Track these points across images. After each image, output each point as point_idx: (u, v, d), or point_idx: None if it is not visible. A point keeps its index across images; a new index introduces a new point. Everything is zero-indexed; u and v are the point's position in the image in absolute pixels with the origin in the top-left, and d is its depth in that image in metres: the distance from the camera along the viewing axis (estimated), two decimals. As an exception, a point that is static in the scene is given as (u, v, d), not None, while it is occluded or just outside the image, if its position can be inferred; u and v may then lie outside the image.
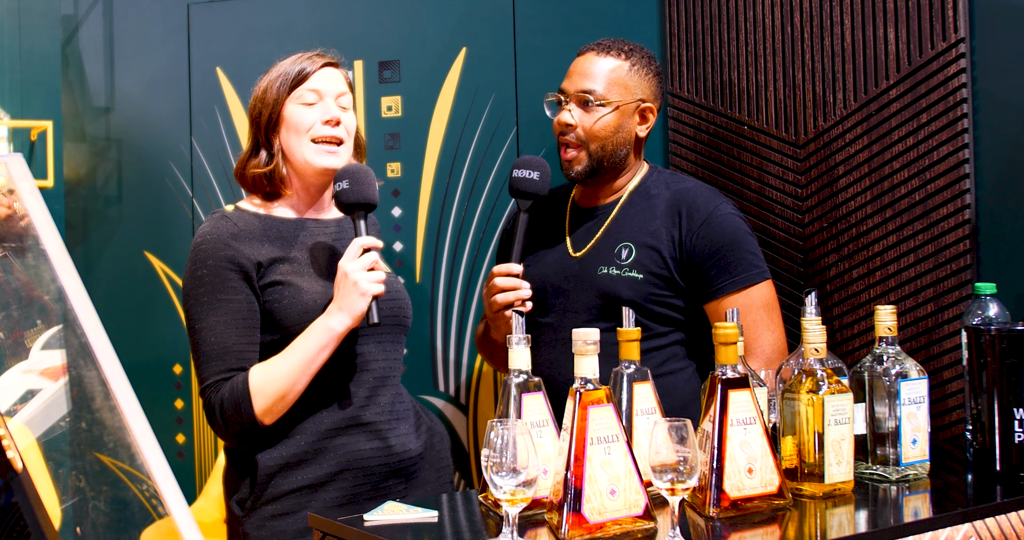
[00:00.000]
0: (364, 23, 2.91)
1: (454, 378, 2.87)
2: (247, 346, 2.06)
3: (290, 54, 2.21)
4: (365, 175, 2.11)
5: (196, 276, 2.08)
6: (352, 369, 2.12)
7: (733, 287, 2.27)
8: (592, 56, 2.36)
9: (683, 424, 1.59)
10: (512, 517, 1.56)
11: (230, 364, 2.05)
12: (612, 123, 2.33)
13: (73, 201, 3.12)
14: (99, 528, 1.62)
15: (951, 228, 2.39)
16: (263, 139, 2.17)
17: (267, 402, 2.02)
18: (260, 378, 2.03)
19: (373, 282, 2.03)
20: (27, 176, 1.54)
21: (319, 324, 2.04)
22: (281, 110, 2.15)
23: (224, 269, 2.06)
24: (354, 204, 2.10)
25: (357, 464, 2.10)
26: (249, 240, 2.10)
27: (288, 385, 2.03)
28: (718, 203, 2.33)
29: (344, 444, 2.09)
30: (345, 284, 2.03)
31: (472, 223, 2.85)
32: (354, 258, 2.05)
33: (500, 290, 2.28)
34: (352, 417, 2.11)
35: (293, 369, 2.03)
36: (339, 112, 2.15)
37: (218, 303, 2.05)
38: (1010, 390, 2.00)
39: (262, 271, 2.09)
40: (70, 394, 1.60)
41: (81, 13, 3.12)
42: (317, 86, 2.15)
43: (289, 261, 2.12)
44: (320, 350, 2.03)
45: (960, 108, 2.37)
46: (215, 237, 2.09)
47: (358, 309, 2.03)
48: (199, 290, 2.07)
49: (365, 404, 2.12)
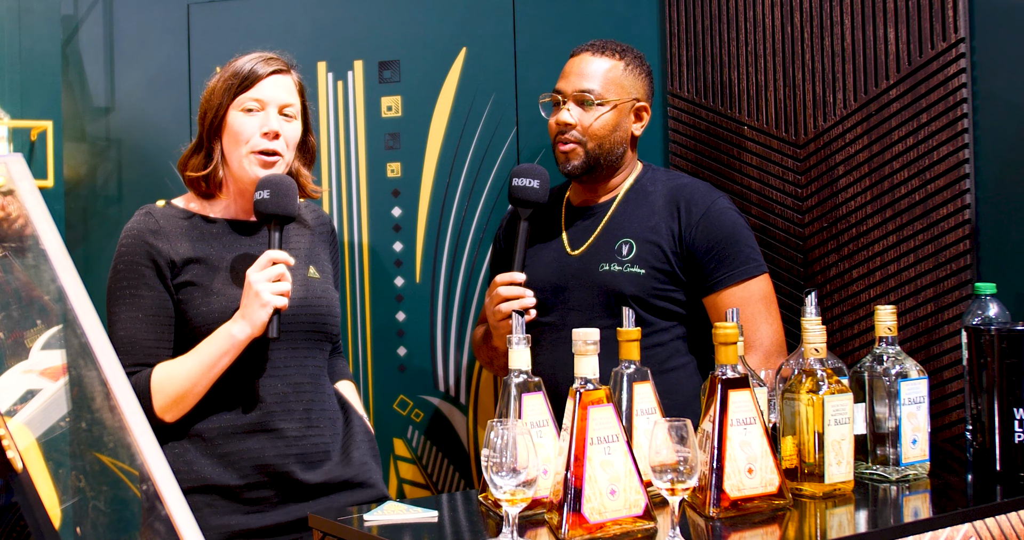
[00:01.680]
0: (364, 23, 2.91)
1: (454, 378, 2.87)
2: (156, 342, 2.10)
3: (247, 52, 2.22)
4: (287, 187, 2.12)
5: (115, 271, 2.14)
6: (261, 375, 2.13)
7: (731, 280, 2.29)
8: (587, 56, 2.38)
9: (683, 424, 1.59)
10: (512, 517, 1.56)
11: (137, 359, 2.09)
12: (610, 122, 2.35)
13: (73, 201, 3.12)
14: (99, 528, 1.61)
15: (951, 228, 2.39)
16: (205, 139, 2.19)
17: (166, 401, 2.06)
18: (161, 377, 2.07)
19: (275, 294, 2.05)
20: (27, 176, 1.53)
21: (222, 330, 2.07)
22: (224, 115, 2.17)
23: (139, 265, 2.11)
24: (271, 215, 2.11)
25: (262, 469, 2.10)
26: (168, 237, 2.13)
27: (187, 386, 2.06)
28: (716, 198, 2.36)
29: (248, 448, 2.10)
30: (249, 294, 2.05)
31: (472, 223, 2.85)
32: (260, 268, 2.07)
33: (504, 299, 2.30)
34: (258, 423, 2.11)
35: (193, 371, 2.06)
36: (278, 124, 2.16)
37: (132, 299, 2.10)
38: (1010, 390, 2.00)
39: (176, 270, 2.12)
40: (70, 394, 1.60)
41: (81, 13, 3.12)
42: (260, 95, 2.16)
43: (206, 263, 2.14)
44: (221, 356, 2.06)
45: (960, 108, 2.37)
46: (135, 233, 2.14)
47: (258, 319, 2.05)
48: (116, 285, 2.12)
49: (274, 410, 2.12)
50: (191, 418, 2.10)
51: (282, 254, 2.09)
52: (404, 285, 2.87)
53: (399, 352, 2.87)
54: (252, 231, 2.22)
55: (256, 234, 2.22)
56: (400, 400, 2.87)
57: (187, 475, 2.08)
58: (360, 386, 2.89)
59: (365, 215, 2.89)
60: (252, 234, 2.22)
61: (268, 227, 2.13)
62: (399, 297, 2.87)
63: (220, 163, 2.18)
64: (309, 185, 2.29)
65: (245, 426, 2.11)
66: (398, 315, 2.87)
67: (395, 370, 2.87)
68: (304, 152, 2.28)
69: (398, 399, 2.87)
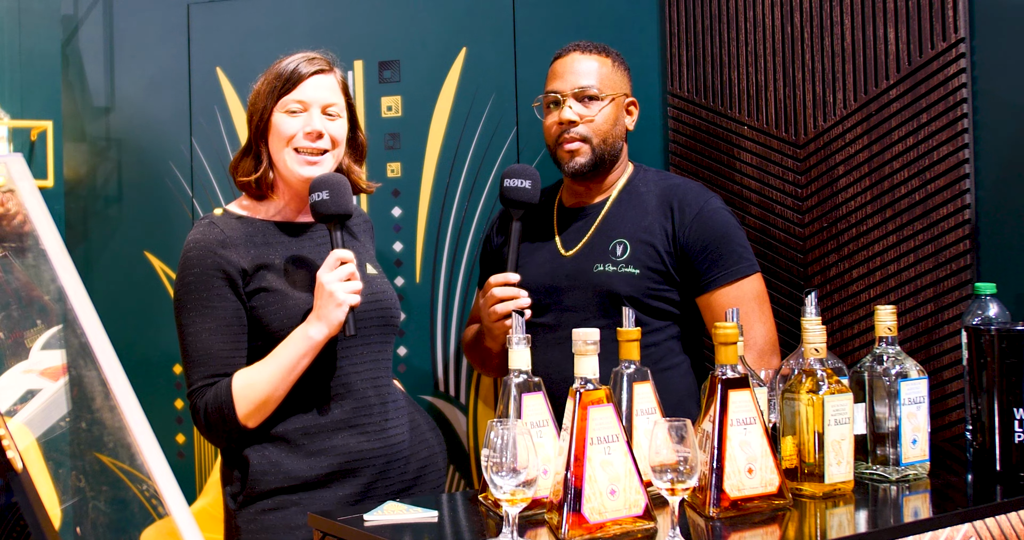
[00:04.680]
0: (364, 23, 2.91)
1: (454, 378, 2.87)
2: (232, 352, 2.10)
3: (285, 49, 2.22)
4: (343, 186, 2.13)
5: (184, 283, 2.13)
6: (340, 372, 2.15)
7: (725, 280, 2.31)
8: (578, 55, 2.40)
9: (683, 424, 1.59)
10: (512, 517, 1.56)
11: (215, 370, 2.09)
12: (611, 116, 2.38)
13: (73, 201, 3.12)
14: (99, 528, 1.62)
15: (951, 228, 2.39)
16: (255, 142, 2.20)
17: (249, 407, 2.07)
18: (242, 384, 2.07)
19: (349, 293, 2.06)
20: (27, 176, 1.54)
21: (299, 332, 2.08)
22: (269, 117, 2.18)
23: (211, 276, 2.10)
24: (332, 215, 2.12)
25: (348, 464, 2.12)
26: (236, 247, 2.13)
27: (269, 391, 2.07)
28: (708, 198, 2.38)
29: (335, 446, 2.12)
30: (323, 294, 2.06)
31: (472, 223, 2.85)
32: (331, 269, 2.08)
33: (499, 300, 2.30)
34: (342, 419, 2.14)
35: (273, 376, 2.07)
36: (322, 124, 2.17)
37: (205, 310, 2.10)
38: (1010, 390, 2.00)
39: (248, 278, 2.12)
40: (70, 394, 1.60)
41: (81, 13, 3.12)
42: (303, 97, 2.17)
43: (274, 268, 2.15)
44: (300, 358, 2.07)
45: (960, 108, 2.37)
46: (203, 245, 2.13)
47: (335, 319, 2.06)
48: (187, 297, 2.12)
49: (356, 405, 2.15)
50: (272, 421, 2.11)
51: (349, 253, 2.10)
52: (404, 285, 2.87)
53: (399, 352, 2.87)
54: (307, 229, 2.23)
55: (312, 232, 2.23)
56: (400, 400, 2.87)
57: (274, 475, 2.09)
58: (360, 386, 2.89)
59: (365, 215, 2.89)
60: (309, 232, 2.23)
61: (329, 227, 2.14)
62: (399, 297, 2.87)
63: (269, 166, 2.19)
64: (362, 181, 2.30)
65: (329, 424, 2.12)
66: (398, 315, 2.87)
67: (395, 370, 2.88)
68: (354, 149, 2.29)
69: (398, 399, 2.87)
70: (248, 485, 2.10)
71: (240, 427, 2.08)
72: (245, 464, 2.11)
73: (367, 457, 2.14)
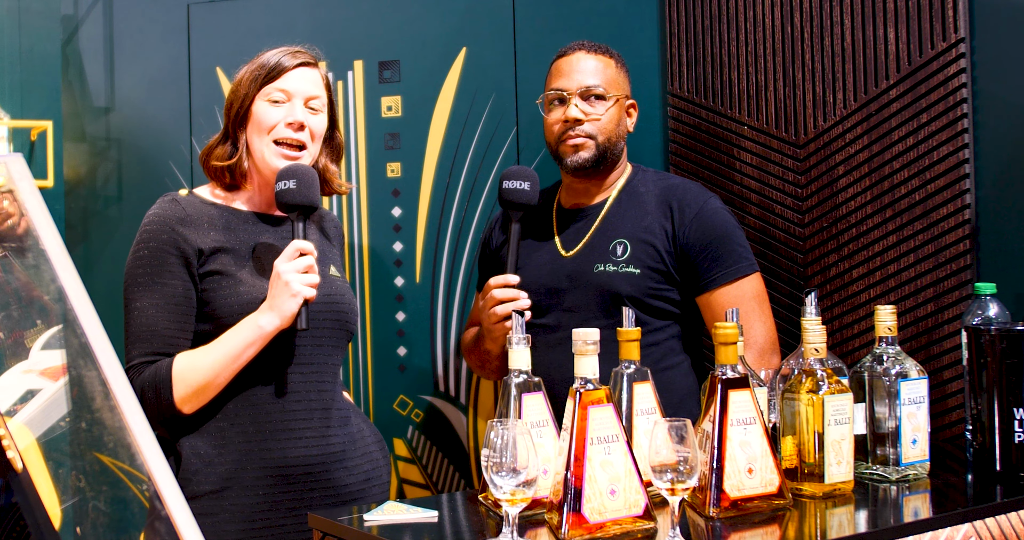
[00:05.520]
0: (364, 23, 2.91)
1: (454, 378, 2.87)
2: (177, 332, 2.06)
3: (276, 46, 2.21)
4: (311, 178, 2.11)
5: (137, 257, 2.09)
6: (284, 369, 2.11)
7: (724, 279, 2.31)
8: (583, 55, 2.40)
9: (683, 424, 1.59)
10: (512, 517, 1.56)
11: (157, 348, 2.05)
12: (615, 116, 2.40)
13: (73, 201, 3.12)
14: (99, 528, 1.61)
15: (951, 228, 2.39)
16: (231, 130, 2.18)
17: (187, 391, 2.02)
18: (183, 366, 2.03)
19: (305, 285, 2.03)
20: (27, 176, 1.54)
21: (249, 320, 2.04)
22: (250, 105, 2.15)
23: (165, 252, 2.07)
24: (296, 205, 2.09)
25: (281, 469, 2.07)
26: (195, 226, 2.10)
27: (210, 377, 2.03)
28: (707, 198, 2.38)
29: (270, 449, 2.07)
30: (277, 284, 2.03)
31: (472, 223, 2.85)
32: (289, 259, 2.05)
33: (499, 301, 2.30)
34: (280, 420, 2.09)
35: (217, 362, 2.03)
36: (304, 116, 2.15)
37: (154, 285, 2.06)
38: (1010, 390, 2.00)
39: (203, 259, 2.09)
40: (70, 394, 1.60)
41: (81, 13, 3.12)
42: (287, 86, 2.15)
43: (232, 253, 2.11)
44: (247, 346, 2.03)
45: (960, 108, 2.37)
46: (161, 220, 2.10)
47: (288, 310, 2.02)
48: (138, 271, 2.08)
49: (295, 408, 2.11)
50: (208, 413, 2.07)
51: (309, 245, 2.07)
52: (404, 285, 2.87)
53: (399, 352, 2.87)
54: (276, 223, 2.20)
55: (280, 226, 2.20)
56: (400, 400, 2.87)
57: (205, 475, 2.04)
58: (360, 386, 2.89)
59: (365, 215, 2.89)
60: (276, 226, 2.20)
61: (292, 218, 2.11)
62: (399, 297, 2.87)
63: (245, 154, 2.16)
64: (335, 180, 2.27)
65: (267, 425, 2.08)
66: (398, 315, 2.87)
67: (395, 370, 2.88)
68: (331, 147, 2.27)
69: (398, 399, 2.87)
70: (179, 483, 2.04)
71: (175, 411, 2.02)
72: (177, 458, 2.05)
73: (301, 464, 2.09)
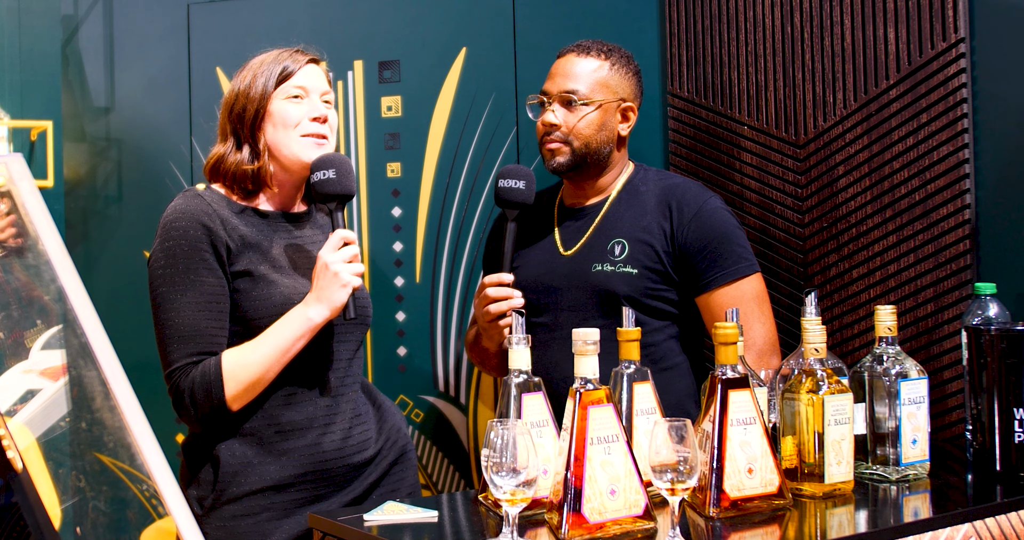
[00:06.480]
0: (364, 23, 2.91)
1: (454, 378, 2.87)
2: (218, 330, 2.02)
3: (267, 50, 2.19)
4: (348, 166, 2.09)
5: (169, 254, 2.01)
6: (317, 366, 2.09)
7: (724, 279, 2.30)
8: (573, 57, 2.39)
9: (683, 424, 1.59)
10: (512, 517, 1.56)
11: (202, 347, 2.00)
12: (595, 122, 2.35)
13: (73, 201, 3.12)
14: (99, 528, 1.61)
15: (951, 228, 2.39)
16: (246, 135, 2.12)
17: (239, 388, 1.99)
18: (233, 363, 1.99)
19: (353, 274, 2.02)
20: (27, 176, 1.54)
21: (297, 313, 2.01)
22: (267, 105, 2.11)
23: (199, 249, 2.01)
24: (335, 195, 2.07)
25: (320, 465, 2.07)
26: (222, 221, 2.05)
27: (261, 372, 2.00)
28: (707, 197, 2.37)
29: (308, 445, 2.06)
30: (326, 275, 2.00)
31: (472, 223, 2.85)
32: (335, 249, 2.02)
33: (492, 300, 2.30)
34: (316, 417, 2.08)
35: (267, 357, 2.00)
36: (325, 109, 2.14)
37: (191, 283, 2.00)
38: (1010, 390, 2.00)
39: (232, 256, 2.04)
40: (70, 394, 1.60)
41: (81, 13, 3.12)
42: (303, 83, 2.13)
43: (260, 251, 2.07)
44: (296, 340, 2.01)
45: (960, 108, 2.37)
46: (190, 214, 2.03)
47: (338, 300, 2.00)
48: (171, 269, 2.01)
49: (329, 404, 2.10)
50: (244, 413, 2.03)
51: (352, 234, 2.04)
52: (404, 285, 2.87)
53: (399, 352, 2.87)
54: (297, 221, 2.18)
55: (302, 223, 2.18)
56: (400, 400, 2.87)
57: (246, 476, 2.02)
58: (360, 386, 2.89)
59: (365, 215, 2.89)
60: (297, 223, 2.17)
61: (330, 208, 2.08)
62: (399, 297, 2.87)
63: (268, 156, 2.11)
64: None
65: (302, 421, 2.06)
66: (398, 315, 2.87)
67: (395, 370, 2.88)
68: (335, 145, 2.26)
69: (398, 399, 2.87)
70: (218, 487, 2.02)
71: (226, 408, 1.99)
72: (215, 463, 2.03)
73: (337, 457, 2.08)
